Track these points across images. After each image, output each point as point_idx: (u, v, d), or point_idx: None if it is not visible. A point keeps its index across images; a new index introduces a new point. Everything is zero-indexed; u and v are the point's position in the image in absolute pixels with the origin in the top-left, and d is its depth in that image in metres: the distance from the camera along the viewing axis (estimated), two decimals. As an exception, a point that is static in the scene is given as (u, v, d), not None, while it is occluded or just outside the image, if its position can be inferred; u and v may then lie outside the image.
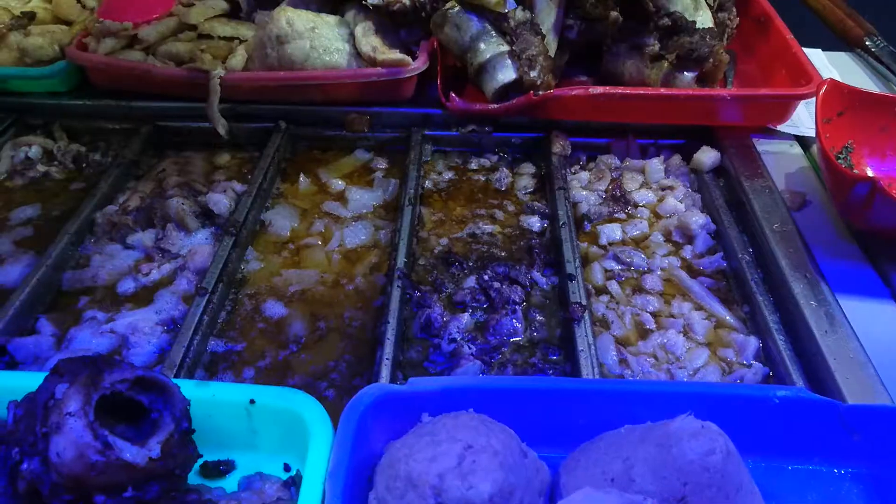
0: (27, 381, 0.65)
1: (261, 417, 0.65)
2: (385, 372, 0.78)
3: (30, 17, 1.24)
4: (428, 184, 1.12)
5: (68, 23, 1.25)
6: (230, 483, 0.64)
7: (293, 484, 0.61)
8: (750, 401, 0.64)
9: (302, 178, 1.12)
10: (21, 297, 0.86)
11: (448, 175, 1.14)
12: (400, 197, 1.06)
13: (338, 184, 1.11)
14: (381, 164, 1.16)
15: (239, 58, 1.14)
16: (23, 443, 0.52)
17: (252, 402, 0.64)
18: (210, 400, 0.64)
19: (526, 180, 1.13)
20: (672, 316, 0.90)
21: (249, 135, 1.18)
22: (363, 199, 1.08)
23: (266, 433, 0.66)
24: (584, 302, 0.87)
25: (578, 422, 0.66)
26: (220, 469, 0.64)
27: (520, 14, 1.14)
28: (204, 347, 0.84)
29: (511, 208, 1.08)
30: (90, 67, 1.16)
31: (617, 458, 0.56)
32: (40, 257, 0.93)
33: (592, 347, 0.81)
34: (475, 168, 1.16)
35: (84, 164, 1.13)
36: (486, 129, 1.17)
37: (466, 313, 0.89)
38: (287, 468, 0.65)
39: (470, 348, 0.84)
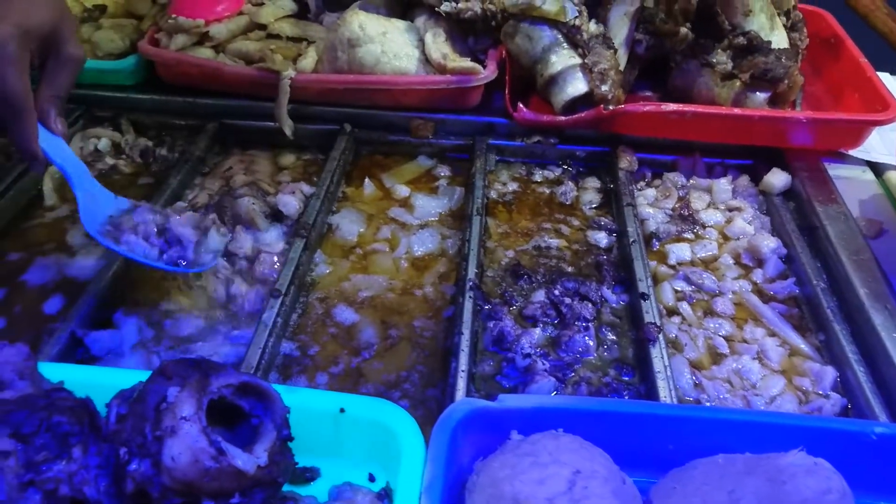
0: (115, 379, 0.66)
1: (349, 426, 0.65)
2: (461, 385, 0.77)
3: (101, 9, 1.25)
4: (493, 194, 1.11)
5: (138, 17, 1.26)
6: (316, 490, 0.64)
7: (385, 496, 0.61)
8: (846, 435, 0.63)
9: (367, 182, 1.12)
10: (96, 290, 0.87)
11: (512, 186, 1.14)
12: (465, 206, 1.06)
13: (402, 190, 1.11)
14: (445, 171, 1.16)
15: (309, 59, 1.14)
16: (130, 443, 0.52)
17: (342, 410, 0.64)
18: (299, 406, 0.64)
19: (591, 195, 1.12)
20: (745, 341, 0.89)
21: (313, 136, 1.18)
22: (429, 206, 1.08)
23: (352, 442, 0.66)
24: (658, 322, 0.86)
25: (667, 447, 0.65)
26: (305, 476, 0.64)
27: (593, 27, 1.14)
28: (277, 350, 0.84)
29: (576, 223, 1.07)
30: (160, 63, 1.17)
31: (719, 489, 0.55)
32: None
33: (668, 369, 0.81)
34: (539, 180, 1.15)
35: (151, 159, 1.14)
36: (552, 140, 1.17)
37: (538, 328, 0.89)
38: (372, 478, 0.65)
39: (544, 364, 0.83)
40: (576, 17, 1.12)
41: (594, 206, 1.10)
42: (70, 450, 0.54)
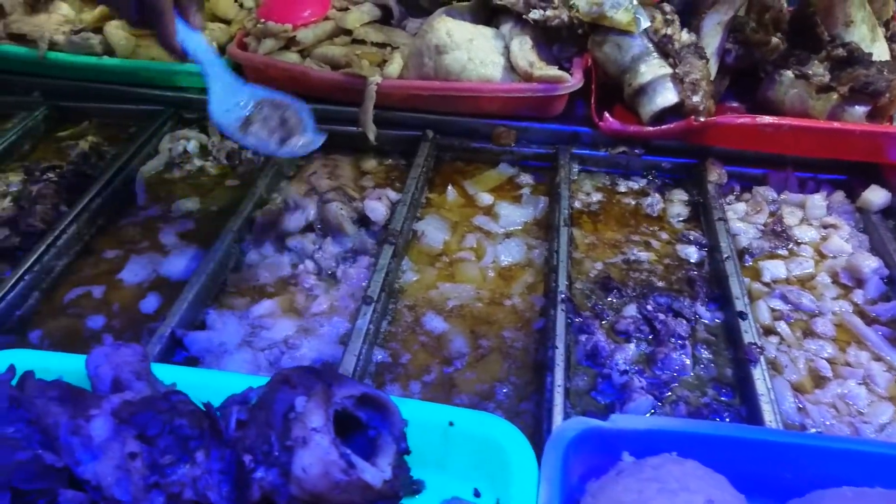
0: (223, 382, 0.66)
1: (457, 440, 0.64)
2: (558, 400, 0.76)
3: (190, 13, 1.27)
4: (577, 204, 1.09)
5: (226, 21, 1.28)
6: (423, 503, 0.63)
7: (498, 513, 0.60)
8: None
9: (450, 189, 1.11)
10: (193, 291, 0.88)
11: (596, 196, 1.12)
12: (550, 215, 1.05)
13: (485, 197, 1.10)
14: (527, 179, 1.15)
15: (396, 65, 1.14)
16: (255, 451, 0.52)
17: (451, 424, 0.64)
18: (408, 418, 0.63)
19: (679, 207, 1.09)
20: (849, 365, 0.86)
21: (395, 142, 1.19)
22: (513, 215, 1.07)
23: (458, 456, 0.65)
24: (759, 343, 0.83)
25: (783, 475, 0.63)
26: (412, 488, 0.64)
27: (685, 36, 1.11)
28: (370, 357, 0.84)
29: (664, 236, 1.05)
30: (249, 66, 1.18)
31: (853, 524, 0.53)
32: (204, 251, 0.95)
33: (772, 392, 0.78)
34: (623, 191, 1.13)
35: (237, 162, 1.16)
36: (637, 151, 1.14)
37: (631, 343, 0.87)
38: (477, 493, 0.64)
39: (640, 381, 0.81)
40: (645, 28, 1.10)
41: (682, 219, 1.08)
42: (193, 454, 0.55)
